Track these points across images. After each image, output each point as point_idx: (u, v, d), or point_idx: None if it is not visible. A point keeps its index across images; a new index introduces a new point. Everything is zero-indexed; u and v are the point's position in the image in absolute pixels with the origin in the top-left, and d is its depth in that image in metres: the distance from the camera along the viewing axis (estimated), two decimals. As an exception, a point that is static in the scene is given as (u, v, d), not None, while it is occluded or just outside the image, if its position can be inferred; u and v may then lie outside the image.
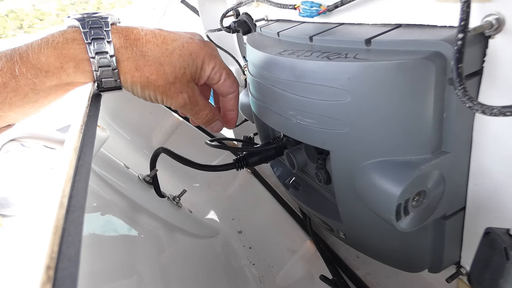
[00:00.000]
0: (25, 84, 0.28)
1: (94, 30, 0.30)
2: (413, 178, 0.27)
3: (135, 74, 0.32)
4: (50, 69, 0.29)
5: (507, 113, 0.18)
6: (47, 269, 0.11)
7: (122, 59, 0.31)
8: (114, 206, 0.57)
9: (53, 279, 0.11)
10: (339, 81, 0.29)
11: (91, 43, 0.30)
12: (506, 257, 0.21)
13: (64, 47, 0.29)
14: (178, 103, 0.34)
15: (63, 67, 0.29)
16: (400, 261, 0.37)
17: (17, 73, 0.28)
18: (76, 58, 0.30)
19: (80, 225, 0.16)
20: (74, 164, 0.18)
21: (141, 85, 0.33)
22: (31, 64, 0.28)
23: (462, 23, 0.21)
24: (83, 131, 0.23)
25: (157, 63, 0.32)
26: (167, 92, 0.33)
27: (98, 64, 0.30)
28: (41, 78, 0.28)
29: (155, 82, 0.33)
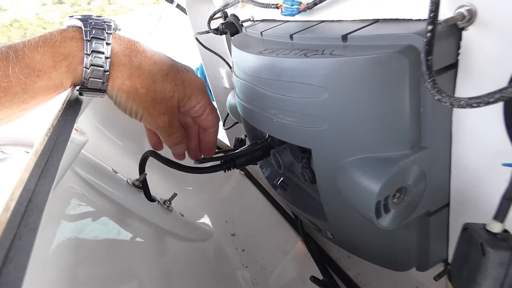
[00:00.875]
0: (16, 84, 0.27)
1: (96, 30, 0.30)
2: (391, 174, 0.26)
3: (126, 82, 0.32)
4: (43, 68, 0.28)
5: (474, 104, 0.17)
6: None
7: (117, 64, 0.31)
8: (103, 212, 0.57)
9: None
10: (316, 77, 0.29)
11: (90, 41, 0.29)
12: (483, 252, 0.21)
13: (61, 45, 0.29)
14: (157, 124, 0.34)
15: (56, 66, 0.28)
16: (386, 260, 0.36)
17: (10, 72, 0.27)
18: (70, 56, 0.29)
19: (35, 230, 0.16)
20: (31, 167, 0.18)
21: (127, 94, 0.32)
22: (25, 63, 0.28)
23: (432, 15, 0.21)
24: (49, 134, 0.23)
25: (150, 79, 0.32)
26: (150, 110, 0.33)
27: (90, 62, 0.29)
28: (33, 78, 0.28)
29: (143, 96, 0.32)
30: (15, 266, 0.13)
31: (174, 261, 0.62)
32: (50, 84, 0.29)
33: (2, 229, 0.13)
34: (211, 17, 0.67)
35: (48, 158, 0.22)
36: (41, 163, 0.20)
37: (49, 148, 0.23)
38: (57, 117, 0.27)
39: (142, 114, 0.33)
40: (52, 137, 0.24)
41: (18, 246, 0.14)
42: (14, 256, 0.14)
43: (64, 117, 0.30)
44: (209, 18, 0.66)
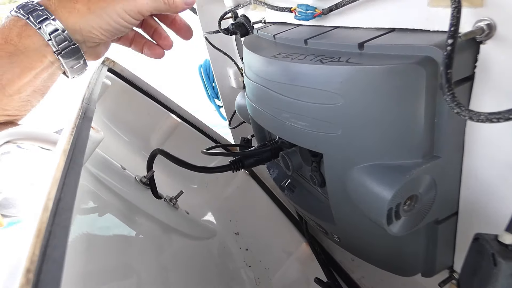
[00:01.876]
0: None
1: (24, 8, 0.31)
2: (404, 182, 0.27)
3: (76, 6, 0.32)
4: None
5: (493, 119, 0.18)
6: (26, 272, 0.11)
7: (54, 5, 0.31)
8: (111, 207, 0.57)
9: (32, 282, 0.11)
10: (332, 84, 0.29)
11: (24, 14, 0.31)
12: (494, 263, 0.21)
13: (4, 27, 0.31)
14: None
15: (7, 40, 0.30)
16: (392, 265, 0.37)
17: None
18: (16, 27, 0.30)
19: (67, 228, 0.16)
20: (62, 167, 0.18)
21: (91, 11, 0.32)
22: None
23: (452, 29, 0.21)
24: (74, 133, 0.23)
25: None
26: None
27: (36, 19, 0.30)
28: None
29: None
30: (54, 263, 0.14)
31: (179, 257, 0.62)
32: (15, 59, 0.30)
33: (44, 228, 0.13)
34: (222, 17, 0.67)
35: (72, 157, 0.22)
36: (67, 162, 0.21)
37: (72, 147, 0.23)
38: (78, 116, 0.27)
39: (119, 3, 0.32)
40: (74, 136, 0.25)
41: (55, 243, 0.15)
42: (52, 254, 0.14)
43: (82, 115, 0.30)
44: (219, 18, 0.67)
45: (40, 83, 0.34)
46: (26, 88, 0.33)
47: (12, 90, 0.32)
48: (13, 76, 0.31)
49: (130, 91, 0.80)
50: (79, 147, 0.24)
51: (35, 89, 0.35)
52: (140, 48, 0.42)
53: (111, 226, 0.57)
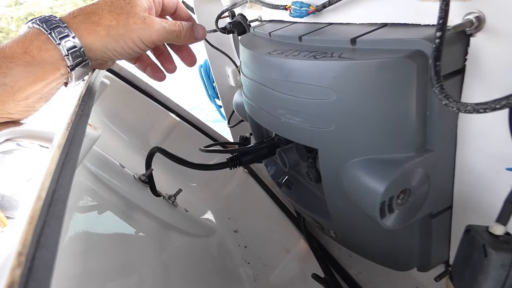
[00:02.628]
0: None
1: (47, 23, 0.33)
2: (396, 175, 0.27)
3: (97, 29, 0.34)
4: (15, 55, 0.32)
5: (480, 110, 0.18)
6: (18, 255, 0.12)
7: (76, 24, 0.34)
8: (110, 205, 0.58)
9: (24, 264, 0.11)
10: (325, 79, 0.30)
11: (45, 23, 0.33)
12: (485, 254, 0.21)
13: (26, 38, 0.33)
14: (155, 29, 0.36)
15: (27, 51, 0.32)
16: (388, 259, 0.37)
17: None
18: (36, 40, 0.32)
19: (61, 218, 0.17)
20: (56, 159, 0.19)
21: (110, 35, 0.34)
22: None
23: (440, 21, 0.22)
24: (70, 129, 0.24)
25: (107, 12, 0.35)
26: (135, 27, 0.35)
27: (57, 35, 0.32)
28: (6, 63, 0.31)
29: (120, 24, 0.35)
30: (47, 251, 0.14)
31: (178, 255, 0.63)
32: (30, 68, 0.32)
33: (37, 216, 0.14)
34: (219, 16, 0.67)
35: (67, 151, 0.23)
36: (62, 156, 0.21)
37: (68, 142, 0.24)
38: (75, 112, 0.28)
39: (137, 34, 0.35)
40: (71, 132, 0.25)
41: (48, 232, 0.15)
42: (45, 242, 0.14)
43: (79, 112, 0.31)
44: (216, 17, 0.67)
45: (47, 91, 0.36)
46: (34, 95, 0.35)
47: (21, 97, 0.34)
48: (25, 84, 0.33)
49: (129, 90, 0.80)
50: (75, 143, 0.25)
51: (41, 96, 0.37)
52: (143, 67, 0.45)
53: (110, 224, 0.57)
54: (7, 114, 0.36)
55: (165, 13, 0.43)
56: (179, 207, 0.68)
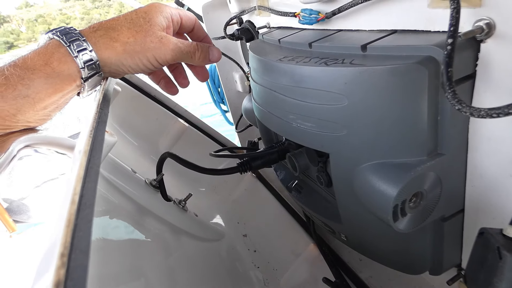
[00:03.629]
0: (13, 78, 0.32)
1: (63, 31, 0.35)
2: (409, 179, 0.27)
3: (115, 45, 0.35)
4: (36, 67, 0.33)
5: (494, 114, 0.19)
6: (61, 256, 0.12)
7: (95, 38, 0.35)
8: (121, 210, 0.59)
9: (66, 265, 0.12)
10: (336, 85, 0.30)
11: (65, 36, 0.34)
12: (499, 256, 0.22)
13: (46, 49, 0.34)
14: (170, 49, 0.37)
15: (47, 63, 0.33)
16: (400, 263, 0.37)
17: (6, 72, 0.32)
18: (56, 52, 0.34)
19: (90, 222, 0.17)
20: (84, 165, 0.20)
21: (126, 52, 0.36)
22: (18, 66, 0.33)
23: (452, 29, 0.22)
24: (92, 135, 0.25)
25: (125, 28, 0.36)
26: (151, 45, 0.36)
27: (76, 48, 0.34)
28: (29, 75, 0.33)
29: (137, 42, 0.36)
30: (81, 252, 0.15)
31: (188, 259, 0.63)
32: (50, 80, 0.34)
33: (73, 220, 0.15)
34: (227, 23, 0.69)
35: (90, 157, 0.24)
36: (86, 162, 0.22)
37: (90, 148, 0.25)
38: (95, 119, 0.28)
39: (152, 53, 0.36)
40: (92, 139, 0.26)
41: (80, 236, 0.16)
42: (79, 244, 0.15)
43: (98, 119, 0.32)
44: (225, 24, 0.68)
45: (62, 101, 0.38)
46: (52, 105, 0.37)
47: (40, 107, 0.36)
48: (45, 95, 0.35)
49: (139, 97, 0.82)
50: (96, 148, 0.25)
51: (57, 106, 0.39)
52: (157, 80, 0.46)
53: (122, 228, 0.58)
54: (26, 122, 0.38)
55: (183, 30, 0.44)
56: (189, 212, 0.69)
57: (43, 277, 0.12)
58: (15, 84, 0.33)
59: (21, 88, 0.33)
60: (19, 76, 0.33)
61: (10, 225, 0.66)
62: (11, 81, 0.32)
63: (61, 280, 0.12)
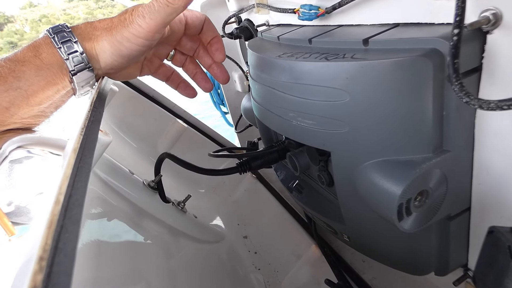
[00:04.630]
0: (3, 70, 0.32)
1: (54, 28, 0.35)
2: (414, 177, 0.26)
3: (96, 33, 0.35)
4: (26, 59, 0.33)
5: (504, 106, 0.18)
6: (39, 259, 0.11)
7: (79, 29, 0.35)
8: (119, 212, 0.58)
9: (46, 271, 0.11)
10: (338, 81, 0.29)
11: (53, 30, 0.34)
12: (510, 255, 0.20)
13: (36, 43, 0.34)
14: (141, 13, 0.34)
15: (36, 55, 0.33)
16: (405, 264, 0.36)
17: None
18: (46, 45, 0.33)
19: (78, 223, 0.16)
20: (72, 164, 0.19)
21: (107, 40, 0.35)
22: (9, 59, 0.33)
23: (458, 19, 0.21)
24: (83, 133, 0.24)
25: (107, 18, 0.35)
26: (123, 23, 0.35)
27: (60, 39, 0.33)
28: (19, 67, 0.32)
29: (113, 25, 0.35)
30: (65, 256, 0.14)
31: (187, 261, 0.62)
32: (41, 73, 0.33)
33: (56, 220, 0.14)
34: (226, 21, 0.68)
35: (81, 156, 0.23)
36: (77, 160, 0.21)
37: (82, 146, 0.24)
38: (87, 118, 0.28)
39: (127, 29, 0.34)
40: (84, 137, 0.25)
41: (66, 237, 0.15)
42: (63, 247, 0.14)
43: (91, 118, 0.31)
44: (223, 23, 0.68)
45: (58, 98, 0.37)
46: (46, 101, 0.36)
47: (34, 101, 0.35)
48: (38, 88, 0.34)
49: (137, 97, 0.81)
50: (89, 147, 0.24)
51: (52, 103, 0.38)
52: (175, 85, 0.45)
53: (120, 230, 0.57)
54: (20, 119, 0.37)
55: (189, 32, 0.41)
56: (188, 213, 0.68)
57: (21, 285, 0.11)
58: (6, 76, 0.32)
59: (12, 80, 0.32)
60: (10, 68, 0.32)
61: (9, 228, 0.65)
62: (2, 73, 0.32)
63: (37, 286, 0.11)
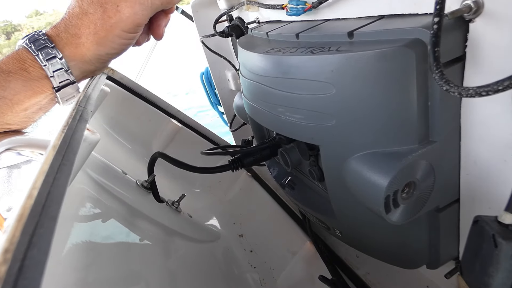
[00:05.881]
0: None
1: (35, 43, 0.33)
2: (399, 168, 0.26)
3: (80, 41, 0.33)
4: (12, 70, 0.32)
5: (483, 92, 0.17)
6: (4, 252, 0.11)
7: (61, 43, 0.33)
8: (113, 212, 0.57)
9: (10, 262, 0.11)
10: (323, 74, 0.29)
11: (30, 40, 0.33)
12: (495, 244, 0.20)
13: (19, 56, 0.33)
14: (131, 10, 0.33)
15: (23, 68, 0.33)
16: (395, 257, 0.36)
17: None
18: (30, 60, 0.33)
19: (54, 219, 0.16)
20: (50, 160, 0.18)
21: (95, 43, 0.33)
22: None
23: (438, 7, 0.21)
24: (65, 131, 0.23)
25: (82, 15, 0.33)
26: (111, 21, 0.33)
27: (45, 57, 0.33)
28: (4, 77, 0.32)
29: (97, 27, 0.33)
30: (39, 251, 0.14)
31: (183, 261, 0.62)
32: (29, 83, 0.33)
33: (27, 215, 0.13)
34: (217, 20, 0.68)
35: (64, 154, 0.22)
36: (58, 158, 0.21)
37: (64, 144, 0.24)
38: (71, 116, 0.27)
39: (115, 28, 0.33)
40: (68, 135, 0.25)
41: (40, 233, 0.15)
42: (37, 242, 0.14)
43: (76, 117, 0.31)
44: (214, 21, 0.67)
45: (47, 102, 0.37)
46: (34, 107, 0.36)
47: (20, 108, 0.35)
48: (24, 97, 0.34)
49: (130, 98, 0.80)
50: (72, 145, 0.24)
51: (40, 107, 0.37)
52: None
53: (113, 231, 0.57)
54: (5, 124, 0.37)
55: None
56: (182, 213, 0.68)
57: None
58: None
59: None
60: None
61: None
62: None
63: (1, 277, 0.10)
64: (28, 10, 24.91)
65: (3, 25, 23.51)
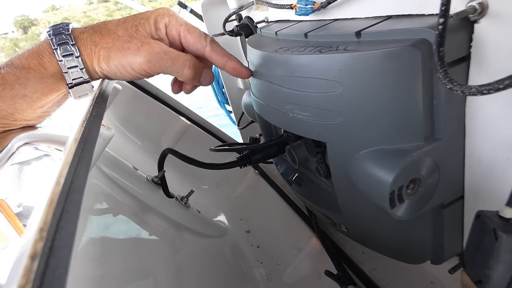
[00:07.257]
0: (9, 77, 0.32)
1: (56, 30, 0.34)
2: (404, 165, 0.27)
3: (95, 49, 0.34)
4: (31, 66, 0.33)
5: (484, 91, 0.18)
6: (40, 230, 0.12)
7: (81, 41, 0.34)
8: (124, 207, 0.59)
9: (45, 240, 0.12)
10: (331, 72, 0.30)
11: (55, 38, 0.34)
12: (495, 237, 0.21)
13: (40, 49, 0.34)
14: (145, 57, 0.33)
15: (40, 63, 0.33)
16: (400, 252, 0.37)
17: (2, 71, 0.33)
18: (49, 54, 0.33)
19: (78, 206, 0.17)
20: (73, 152, 0.20)
21: (103, 57, 0.34)
22: (14, 65, 0.33)
23: (443, 8, 0.22)
24: (84, 125, 0.25)
25: (111, 33, 0.34)
26: (127, 52, 0.33)
27: (62, 52, 0.33)
28: (24, 74, 0.33)
29: (113, 47, 0.33)
30: (66, 233, 0.15)
31: (191, 256, 0.63)
32: (45, 81, 0.34)
33: (56, 199, 0.15)
34: (226, 19, 0.69)
35: (83, 147, 0.24)
36: (78, 150, 0.22)
37: (84, 137, 0.25)
38: (89, 112, 0.29)
39: (127, 60, 0.33)
40: (85, 130, 0.26)
41: (67, 217, 0.16)
42: (64, 226, 0.15)
43: (92, 113, 0.32)
44: (224, 21, 0.69)
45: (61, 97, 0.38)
46: (49, 103, 0.37)
47: (38, 105, 0.36)
48: (42, 94, 0.35)
49: (140, 96, 0.82)
50: (90, 139, 0.26)
51: (54, 103, 0.38)
52: None
53: (124, 226, 0.58)
54: (24, 120, 0.38)
55: (189, 51, 0.38)
56: (191, 208, 0.69)
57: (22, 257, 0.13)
58: (12, 84, 0.33)
59: (18, 88, 0.33)
60: (15, 75, 0.33)
61: (21, 229, 0.67)
62: (8, 80, 0.32)
63: (38, 253, 0.12)
64: (44, 5, 25.27)
65: (20, 19, 23.89)
